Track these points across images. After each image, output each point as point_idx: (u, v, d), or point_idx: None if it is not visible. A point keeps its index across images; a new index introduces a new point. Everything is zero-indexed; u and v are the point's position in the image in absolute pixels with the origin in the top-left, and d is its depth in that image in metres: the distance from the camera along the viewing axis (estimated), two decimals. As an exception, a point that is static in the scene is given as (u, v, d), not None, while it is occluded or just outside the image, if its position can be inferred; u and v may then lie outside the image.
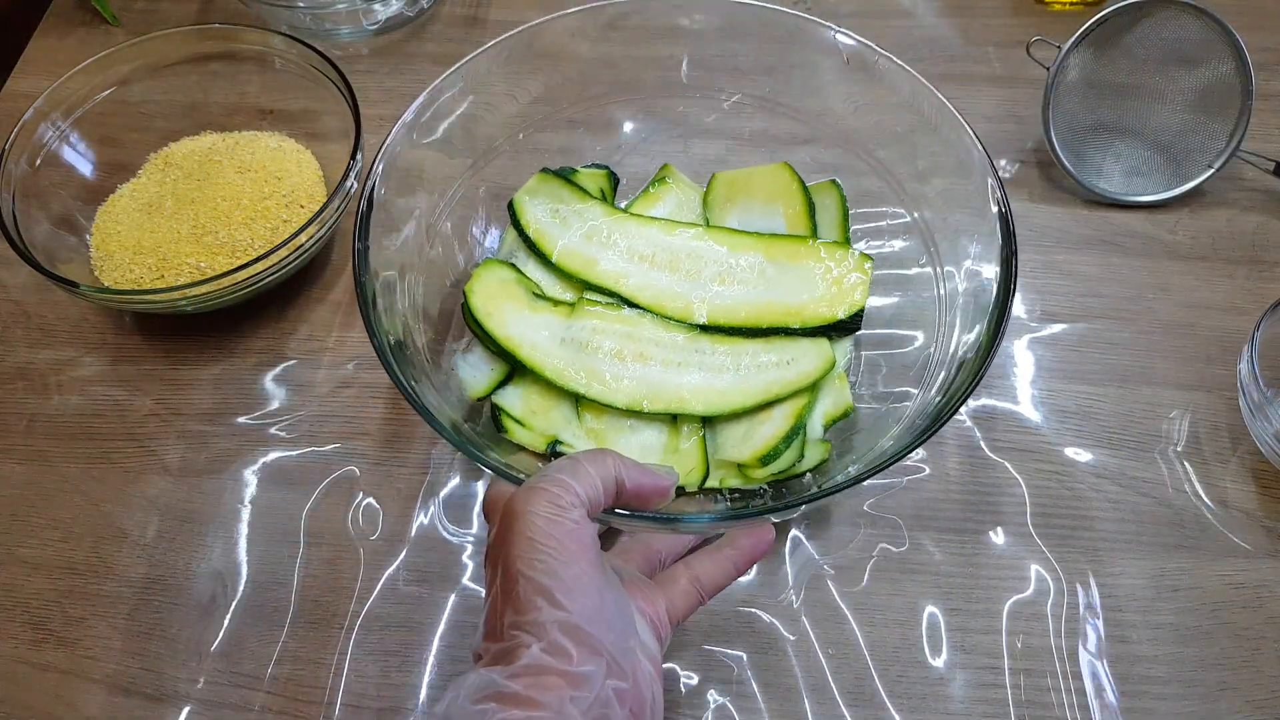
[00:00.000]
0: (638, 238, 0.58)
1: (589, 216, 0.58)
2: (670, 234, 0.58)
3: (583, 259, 0.57)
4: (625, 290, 0.56)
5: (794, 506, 0.44)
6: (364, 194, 0.51)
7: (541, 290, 0.58)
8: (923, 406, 0.50)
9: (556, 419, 0.54)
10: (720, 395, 0.53)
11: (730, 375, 0.54)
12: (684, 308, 0.56)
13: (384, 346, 0.47)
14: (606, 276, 0.57)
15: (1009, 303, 0.47)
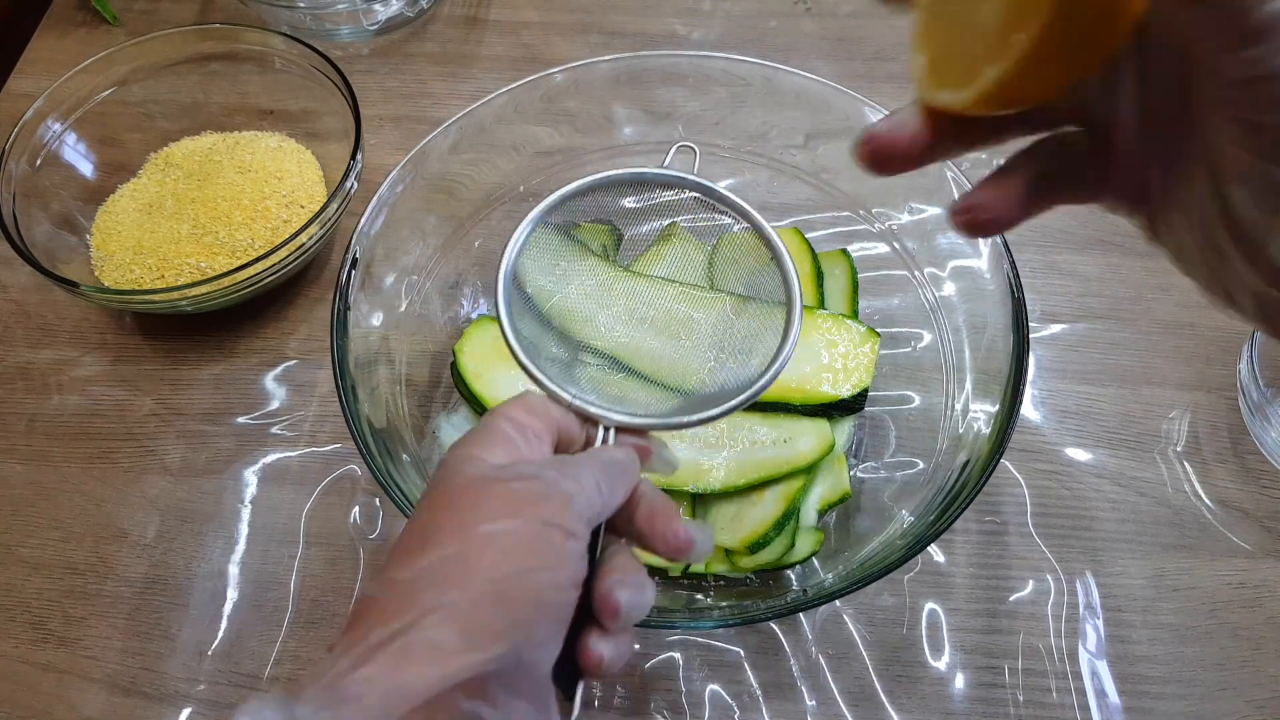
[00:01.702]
0: (637, 298, 0.54)
1: (588, 273, 0.56)
2: (671, 296, 0.54)
3: (578, 317, 0.55)
4: (621, 354, 0.52)
5: (781, 615, 0.44)
6: (348, 254, 0.51)
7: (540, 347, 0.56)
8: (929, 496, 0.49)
9: None
10: (713, 471, 0.51)
11: (725, 451, 0.51)
12: (681, 375, 0.51)
13: (363, 432, 0.47)
14: (601, 338, 0.54)
15: (1021, 386, 0.47)
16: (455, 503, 0.31)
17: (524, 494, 0.31)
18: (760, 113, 0.60)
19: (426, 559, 0.29)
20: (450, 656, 0.27)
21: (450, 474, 0.32)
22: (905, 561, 0.44)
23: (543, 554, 0.30)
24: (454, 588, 0.28)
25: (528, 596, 0.29)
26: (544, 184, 0.62)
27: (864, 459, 0.56)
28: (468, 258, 0.62)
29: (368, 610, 0.29)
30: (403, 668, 0.26)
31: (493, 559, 0.29)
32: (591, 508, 0.32)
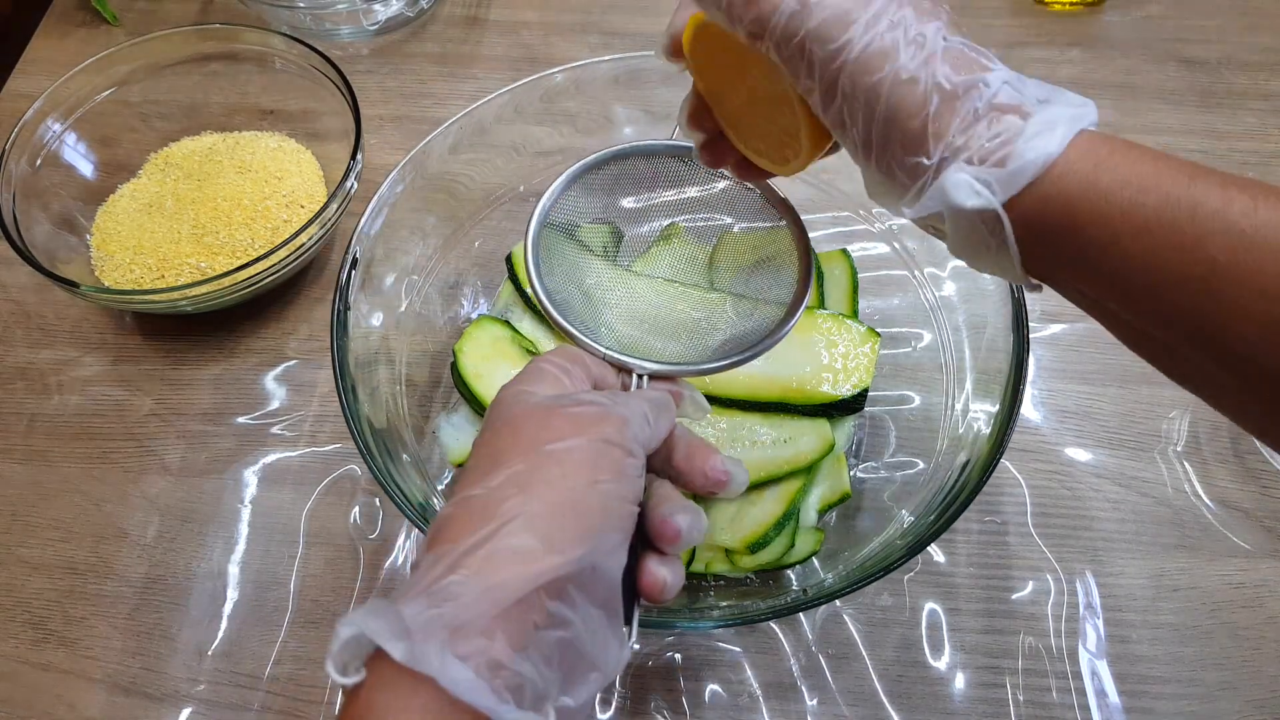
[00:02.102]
0: (638, 298, 0.54)
1: (589, 273, 0.57)
2: (671, 295, 0.54)
3: None
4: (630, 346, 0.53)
5: (781, 615, 0.44)
6: (348, 254, 0.51)
7: (537, 348, 0.56)
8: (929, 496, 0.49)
9: None
10: None
11: (725, 451, 0.51)
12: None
13: (363, 432, 0.47)
14: (603, 337, 0.55)
15: (1021, 386, 0.47)
16: (519, 428, 0.33)
17: (583, 416, 0.33)
18: (760, 113, 0.60)
19: (499, 477, 0.31)
20: (534, 560, 0.29)
21: (507, 407, 0.34)
22: (905, 561, 0.44)
23: (606, 468, 0.32)
24: (530, 498, 0.30)
25: (596, 506, 0.31)
26: (544, 184, 0.61)
27: (864, 459, 0.56)
28: (468, 258, 0.62)
29: (448, 526, 0.30)
30: (493, 571, 0.28)
31: (561, 472, 0.31)
32: (644, 433, 0.34)
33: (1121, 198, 0.26)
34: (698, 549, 0.51)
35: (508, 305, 0.59)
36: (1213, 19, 0.79)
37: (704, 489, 0.36)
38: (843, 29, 0.28)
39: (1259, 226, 0.24)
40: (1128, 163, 0.27)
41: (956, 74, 0.28)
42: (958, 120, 0.28)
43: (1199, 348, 0.27)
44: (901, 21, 0.28)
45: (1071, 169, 0.27)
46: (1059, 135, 0.27)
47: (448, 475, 0.55)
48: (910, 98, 0.28)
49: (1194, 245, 0.25)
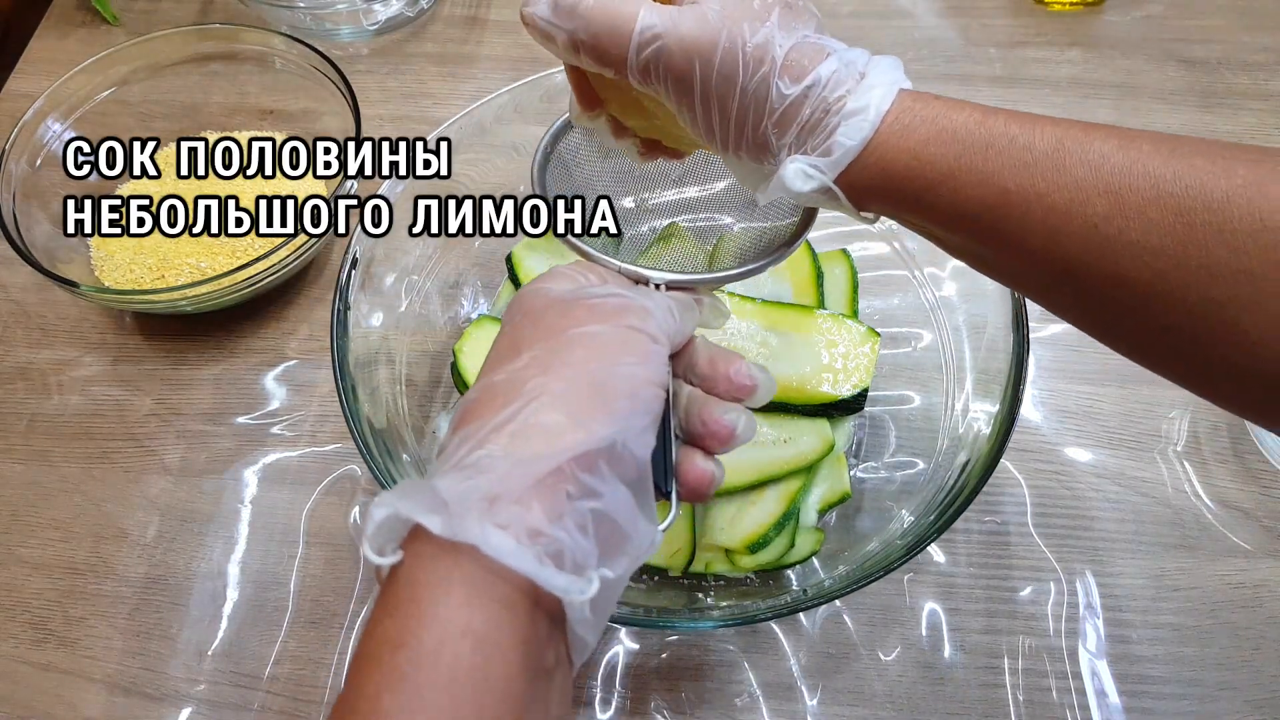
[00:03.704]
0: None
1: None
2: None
3: None
4: None
5: (781, 615, 0.44)
6: (348, 254, 0.51)
7: None
8: (929, 496, 0.49)
9: None
10: None
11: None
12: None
13: (363, 432, 0.47)
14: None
15: (1021, 386, 0.47)
16: (540, 317, 0.33)
17: (605, 305, 0.33)
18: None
19: (521, 360, 0.31)
20: (561, 434, 0.29)
21: (526, 300, 0.35)
22: (905, 561, 0.44)
23: (631, 350, 0.32)
24: (555, 378, 0.30)
25: (622, 387, 0.31)
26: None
27: (864, 459, 0.56)
28: (468, 258, 0.62)
29: (473, 409, 0.30)
30: (523, 444, 0.28)
31: (584, 354, 0.31)
32: (668, 325, 0.34)
33: (927, 153, 0.31)
34: (698, 549, 0.51)
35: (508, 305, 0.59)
36: (1213, 19, 0.79)
37: (729, 394, 0.36)
38: (688, 65, 0.32)
39: (1038, 157, 0.29)
40: (930, 121, 0.31)
41: (793, 82, 0.32)
42: (794, 126, 0.32)
43: (1008, 255, 0.31)
44: (738, 41, 0.31)
45: (884, 140, 0.31)
46: (872, 115, 0.31)
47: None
48: (754, 113, 0.32)
49: (990, 180, 0.30)
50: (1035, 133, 0.30)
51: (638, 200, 0.48)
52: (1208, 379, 0.30)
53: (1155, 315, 0.28)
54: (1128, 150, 0.28)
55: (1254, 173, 0.27)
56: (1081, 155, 0.29)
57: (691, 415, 0.35)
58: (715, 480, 0.35)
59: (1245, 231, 0.26)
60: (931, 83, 0.76)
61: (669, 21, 0.32)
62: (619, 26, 0.32)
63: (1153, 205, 0.27)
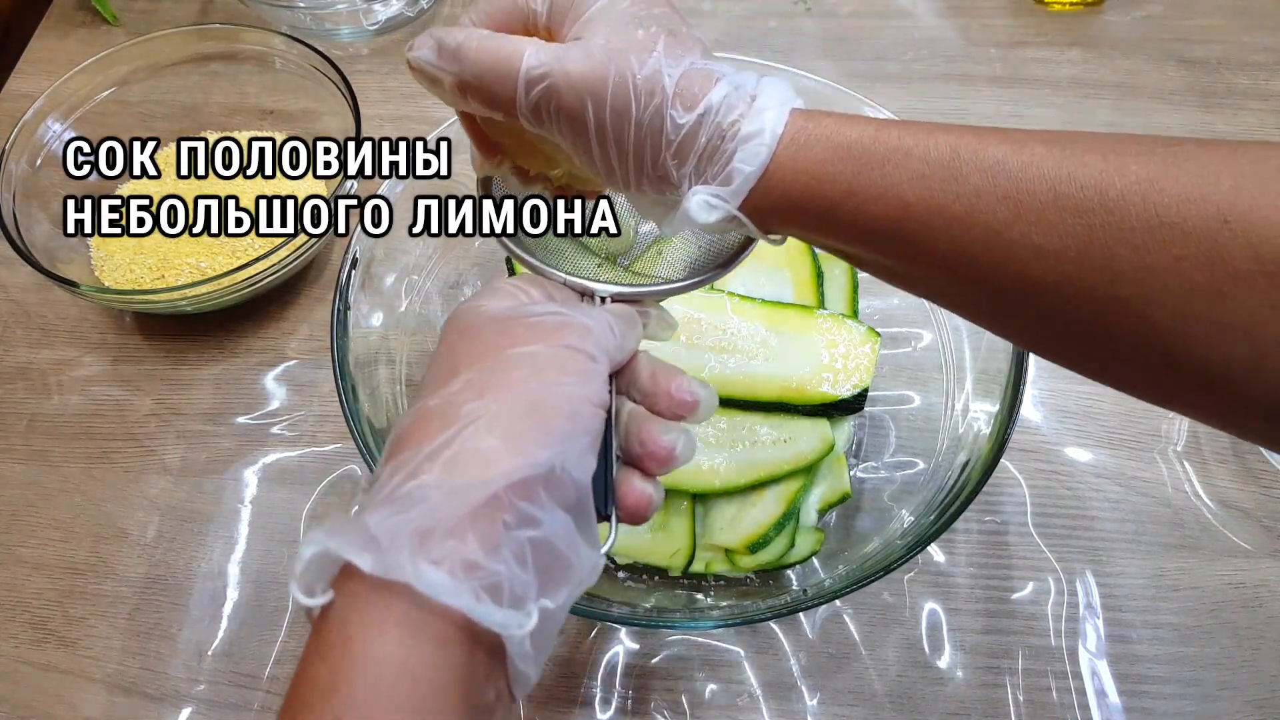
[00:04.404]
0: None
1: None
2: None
3: None
4: None
5: (781, 615, 0.44)
6: (348, 254, 0.51)
7: None
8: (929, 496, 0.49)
9: None
10: (713, 471, 0.51)
11: (725, 451, 0.52)
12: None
13: (363, 432, 0.47)
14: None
15: (1021, 386, 0.47)
16: (476, 336, 0.32)
17: (543, 324, 0.32)
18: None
19: (457, 383, 0.30)
20: (498, 460, 0.28)
21: (462, 320, 0.34)
22: (905, 561, 0.44)
23: (570, 370, 0.31)
24: (491, 400, 0.29)
25: (561, 408, 0.30)
26: (544, 184, 0.62)
27: (864, 459, 0.56)
28: (468, 258, 0.62)
29: (406, 436, 0.29)
30: (457, 472, 0.27)
31: (522, 374, 0.30)
32: (609, 342, 0.33)
33: (825, 172, 0.31)
34: (698, 549, 0.51)
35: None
36: (1213, 19, 0.79)
37: (670, 410, 0.35)
38: (579, 103, 0.31)
39: (934, 167, 0.29)
40: (825, 139, 0.31)
41: (686, 110, 0.31)
42: (692, 156, 0.32)
43: (918, 268, 0.31)
44: (628, 74, 0.31)
45: (782, 163, 0.31)
46: (767, 138, 0.31)
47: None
48: (651, 146, 0.32)
49: (890, 193, 0.30)
50: (930, 143, 0.29)
51: None
52: (1130, 380, 0.30)
53: (1067, 318, 0.28)
54: (1021, 154, 0.28)
55: (1145, 168, 0.26)
56: (976, 163, 0.28)
57: (630, 435, 0.34)
58: (653, 503, 0.33)
59: (1143, 229, 0.26)
60: (932, 83, 0.76)
61: (555, 59, 0.31)
62: (505, 67, 0.32)
63: (1051, 208, 0.27)
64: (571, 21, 0.33)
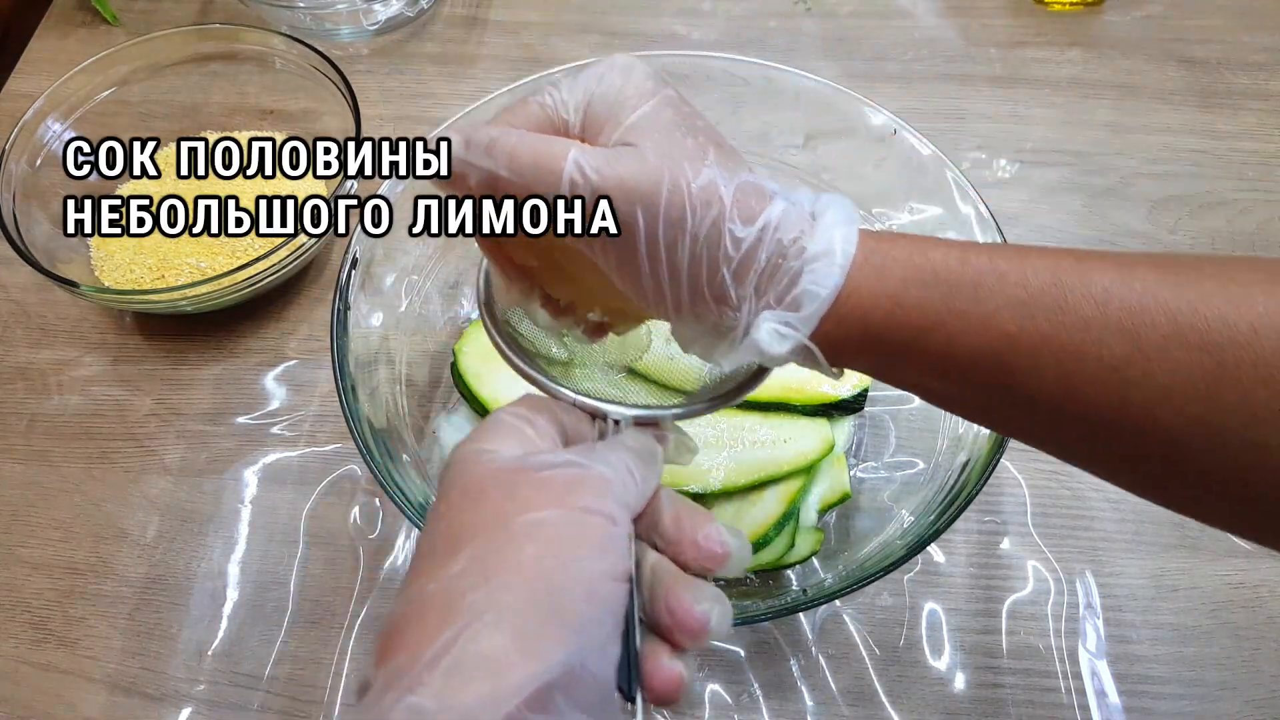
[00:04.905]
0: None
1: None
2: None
3: None
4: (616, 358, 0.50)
5: (781, 615, 0.43)
6: (348, 254, 0.51)
7: (537, 348, 0.56)
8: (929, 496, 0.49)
9: None
10: (713, 471, 0.51)
11: (725, 451, 0.51)
12: (681, 376, 0.49)
13: (363, 432, 0.47)
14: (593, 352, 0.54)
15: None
16: (480, 498, 0.28)
17: (555, 480, 0.28)
18: (760, 113, 0.60)
19: (459, 562, 0.26)
20: (509, 669, 0.24)
21: (464, 471, 0.29)
22: (905, 561, 0.44)
23: (588, 542, 0.27)
24: (499, 587, 0.25)
25: (580, 590, 0.26)
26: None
27: (864, 459, 0.56)
28: (468, 258, 0.62)
29: (401, 631, 0.25)
30: (459, 689, 0.23)
31: (535, 552, 0.26)
32: (629, 493, 0.29)
33: (909, 297, 0.28)
34: None
35: (507, 306, 0.59)
36: (1213, 19, 0.79)
37: (697, 562, 0.30)
38: (629, 211, 0.28)
39: (1034, 294, 0.26)
40: (904, 261, 0.28)
41: (745, 224, 0.29)
42: (752, 275, 0.29)
43: (1015, 406, 0.28)
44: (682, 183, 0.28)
45: (858, 286, 0.28)
46: (839, 257, 0.28)
47: (448, 475, 0.55)
48: (708, 262, 0.29)
49: (988, 323, 0.27)
50: (1026, 267, 0.27)
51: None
52: (1258, 526, 0.27)
53: (1191, 463, 0.26)
54: (1132, 282, 0.26)
55: (1273, 299, 0.24)
56: (1084, 290, 0.26)
57: (657, 600, 0.29)
58: (685, 683, 0.28)
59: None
60: (931, 83, 0.76)
61: (605, 161, 0.28)
62: (547, 166, 0.29)
63: (1175, 343, 0.25)
64: (612, 129, 0.30)
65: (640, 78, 0.31)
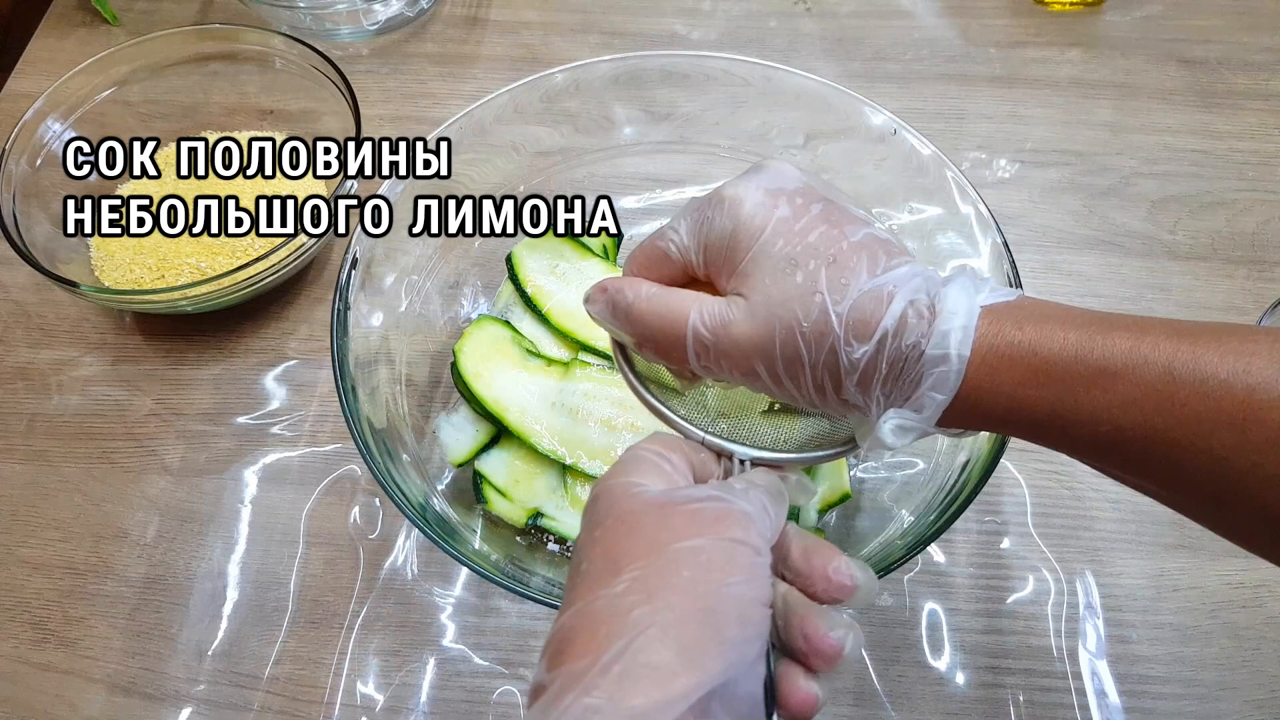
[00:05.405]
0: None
1: (589, 274, 0.56)
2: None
3: (578, 318, 0.56)
4: None
5: None
6: (348, 254, 0.51)
7: (537, 348, 0.56)
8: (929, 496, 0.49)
9: (540, 488, 0.53)
10: None
11: None
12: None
13: (363, 432, 0.47)
14: (601, 338, 0.54)
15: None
16: (635, 526, 0.30)
17: (705, 514, 0.30)
18: (760, 113, 0.60)
19: (621, 582, 0.28)
20: (673, 678, 0.26)
21: (616, 502, 0.31)
22: (905, 561, 0.44)
23: (738, 569, 0.29)
24: (661, 606, 0.27)
25: (733, 612, 0.28)
26: (544, 184, 0.62)
27: (864, 459, 0.56)
28: (468, 258, 0.62)
29: (572, 641, 0.28)
30: (629, 694, 0.26)
31: (692, 575, 0.28)
32: (767, 527, 0.31)
33: (1024, 395, 0.29)
34: None
35: (507, 305, 0.59)
36: (1213, 19, 0.79)
37: (827, 595, 0.32)
38: (748, 363, 0.32)
39: (1146, 391, 0.27)
40: (1023, 359, 0.29)
41: (861, 342, 0.30)
42: (876, 379, 0.31)
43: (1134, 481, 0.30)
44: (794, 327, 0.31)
45: (977, 384, 0.30)
46: (955, 363, 0.30)
47: (448, 475, 0.55)
48: (831, 380, 0.32)
49: (1100, 418, 0.28)
50: (1141, 361, 0.27)
51: None
52: None
53: None
54: (1247, 374, 0.26)
55: None
56: (1196, 386, 0.26)
57: (791, 627, 0.31)
58: (819, 704, 0.30)
59: None
60: (931, 83, 0.76)
61: (719, 324, 0.32)
62: (672, 330, 0.33)
63: None
64: (728, 275, 0.33)
65: (749, 211, 0.32)
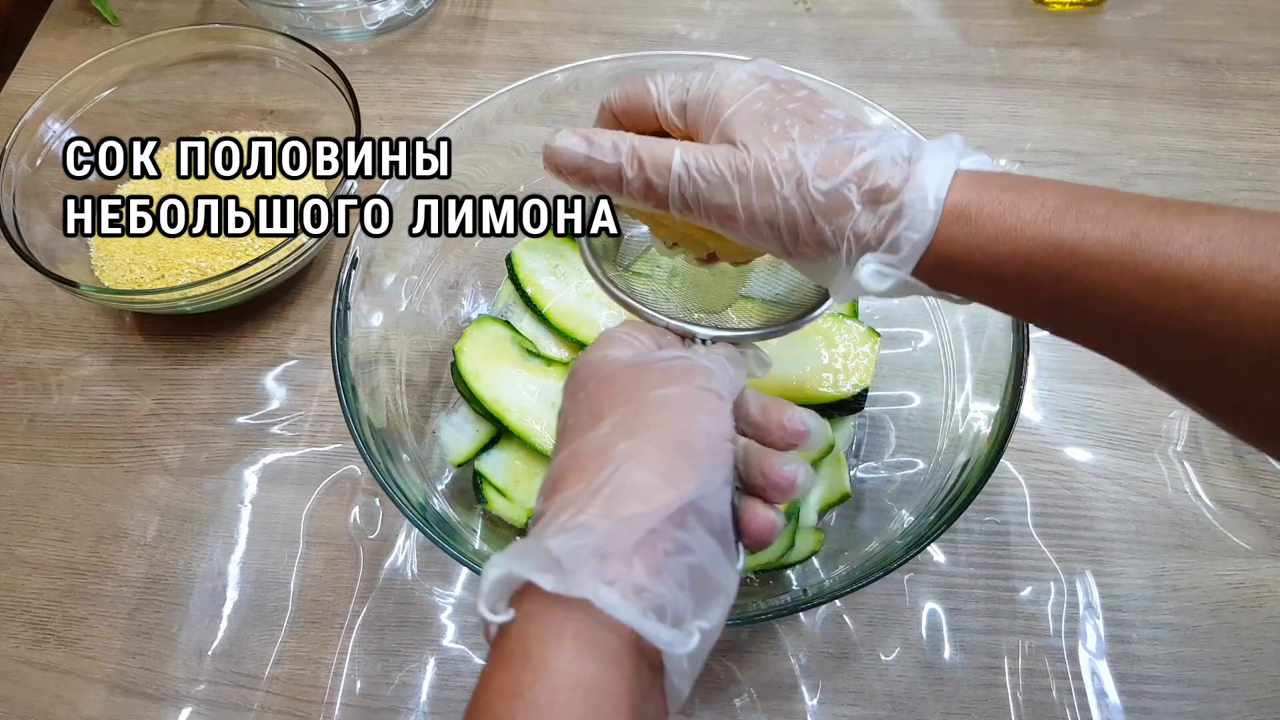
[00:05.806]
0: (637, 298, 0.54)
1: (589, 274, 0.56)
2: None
3: (578, 318, 0.56)
4: None
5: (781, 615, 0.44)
6: (348, 254, 0.51)
7: (537, 348, 0.56)
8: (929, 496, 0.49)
9: None
10: None
11: None
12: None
13: (363, 432, 0.47)
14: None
15: (1021, 386, 0.47)
16: (614, 384, 0.35)
17: (674, 368, 0.35)
18: (760, 113, 0.60)
19: (605, 427, 0.33)
20: (654, 494, 0.30)
21: (595, 368, 0.36)
22: (905, 561, 0.44)
23: (706, 410, 0.34)
24: (642, 441, 0.32)
25: (703, 444, 0.32)
26: (544, 184, 0.61)
27: (864, 459, 0.56)
28: (468, 258, 0.62)
29: (564, 476, 0.32)
30: (618, 508, 0.30)
31: (667, 416, 0.33)
32: (728, 380, 0.36)
33: (997, 252, 0.31)
34: None
35: (507, 305, 0.59)
36: (1213, 19, 0.79)
37: (782, 441, 0.37)
38: (729, 199, 0.34)
39: (1113, 251, 0.29)
40: (996, 217, 0.31)
41: (826, 181, 0.32)
42: (849, 220, 0.33)
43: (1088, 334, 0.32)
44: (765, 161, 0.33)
45: (952, 235, 0.31)
46: (931, 204, 0.31)
47: (448, 475, 0.55)
48: (803, 215, 0.33)
49: (1064, 278, 0.30)
50: (1110, 227, 0.29)
51: None
52: None
53: (1266, 402, 0.28)
54: (1210, 240, 0.27)
55: None
56: (1160, 249, 0.28)
57: (751, 467, 0.35)
58: (777, 528, 0.35)
59: None
60: (931, 83, 0.76)
61: (704, 154, 0.34)
62: (656, 169, 0.35)
63: (1242, 298, 0.27)
64: (709, 128, 0.35)
65: (735, 79, 0.35)
